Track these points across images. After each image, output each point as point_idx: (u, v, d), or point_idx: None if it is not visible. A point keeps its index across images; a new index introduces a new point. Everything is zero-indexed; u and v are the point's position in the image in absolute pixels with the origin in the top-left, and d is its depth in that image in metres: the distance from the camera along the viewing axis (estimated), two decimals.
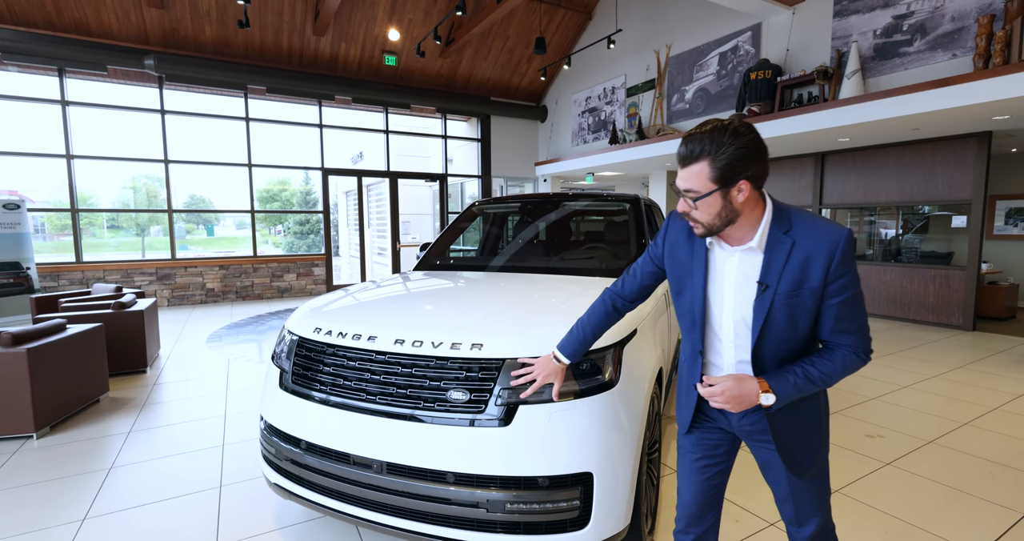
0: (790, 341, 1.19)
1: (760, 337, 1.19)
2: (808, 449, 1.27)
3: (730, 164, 1.10)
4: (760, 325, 1.17)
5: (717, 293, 1.25)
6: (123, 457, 2.83)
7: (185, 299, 8.21)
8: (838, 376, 1.17)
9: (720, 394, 1.18)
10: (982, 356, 4.92)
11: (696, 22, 7.68)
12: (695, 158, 1.13)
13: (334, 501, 1.77)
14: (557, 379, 1.54)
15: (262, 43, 8.19)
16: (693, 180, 1.14)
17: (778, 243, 1.16)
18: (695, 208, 1.17)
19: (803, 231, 1.15)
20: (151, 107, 7.84)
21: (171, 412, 3.53)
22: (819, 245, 1.12)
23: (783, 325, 1.17)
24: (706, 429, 1.40)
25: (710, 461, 1.40)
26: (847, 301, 1.14)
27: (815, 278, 1.13)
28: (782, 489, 1.33)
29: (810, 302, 1.15)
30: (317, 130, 9.11)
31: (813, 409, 1.27)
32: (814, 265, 1.13)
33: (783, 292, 1.15)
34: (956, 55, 4.91)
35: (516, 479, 1.56)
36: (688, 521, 1.46)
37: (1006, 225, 7.76)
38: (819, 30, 6.06)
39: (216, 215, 11.38)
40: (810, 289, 1.14)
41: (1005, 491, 2.47)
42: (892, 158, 6.53)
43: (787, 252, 1.14)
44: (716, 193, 1.12)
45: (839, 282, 1.13)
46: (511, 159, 11.32)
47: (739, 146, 1.09)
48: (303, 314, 2.12)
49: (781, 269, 1.15)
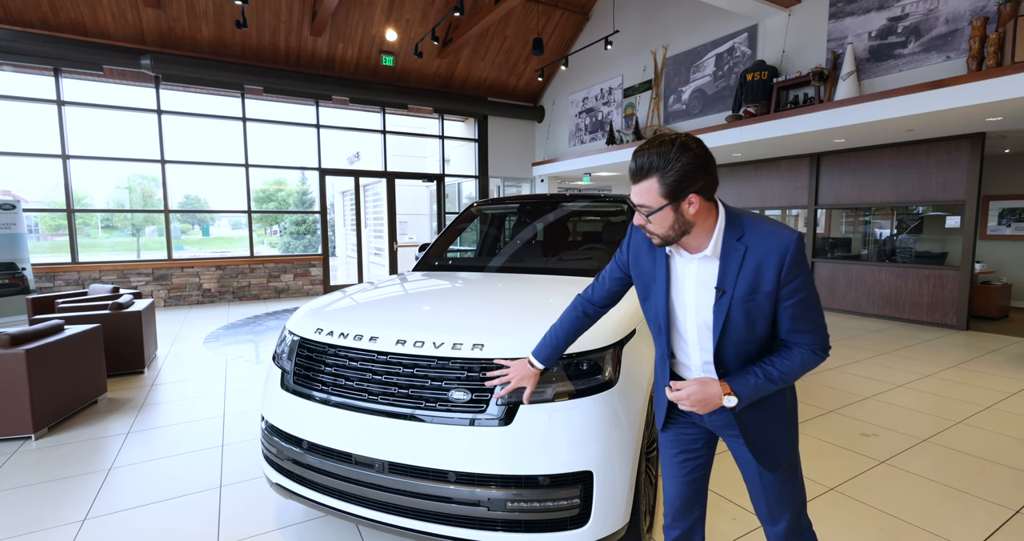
0: (749, 342, 1.24)
1: (720, 339, 1.23)
2: (777, 443, 1.31)
3: (679, 179, 1.13)
4: (720, 328, 1.22)
5: (680, 299, 1.30)
6: (122, 458, 2.83)
7: (182, 300, 8.19)
8: (797, 374, 1.21)
9: (686, 398, 1.23)
10: (976, 355, 4.97)
11: (693, 23, 7.71)
12: (645, 174, 1.16)
13: (336, 500, 1.78)
14: (530, 384, 1.57)
15: (259, 43, 8.17)
16: (644, 196, 1.18)
17: (732, 250, 1.20)
18: (649, 222, 1.21)
19: (755, 237, 1.19)
20: (147, 107, 7.81)
21: (169, 413, 3.53)
22: (770, 250, 1.16)
23: (741, 327, 1.21)
24: (682, 425, 1.45)
25: (689, 455, 1.44)
26: (801, 302, 1.18)
27: (768, 282, 1.17)
28: (754, 485, 1.37)
29: (765, 305, 1.19)
30: (314, 130, 9.10)
31: (779, 405, 1.31)
32: (767, 270, 1.17)
33: (739, 297, 1.19)
34: (950, 57, 4.96)
35: (517, 478, 1.58)
36: (674, 515, 1.50)
37: (999, 225, 7.83)
38: (815, 32, 6.11)
39: (212, 215, 11.36)
40: (764, 293, 1.18)
41: (998, 488, 2.50)
42: (887, 159, 6.59)
43: (741, 258, 1.19)
44: (667, 207, 1.16)
45: (792, 285, 1.16)
46: (508, 159, 11.33)
47: (686, 161, 1.12)
48: (304, 315, 2.13)
49: (736, 275, 1.19)
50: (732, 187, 8.65)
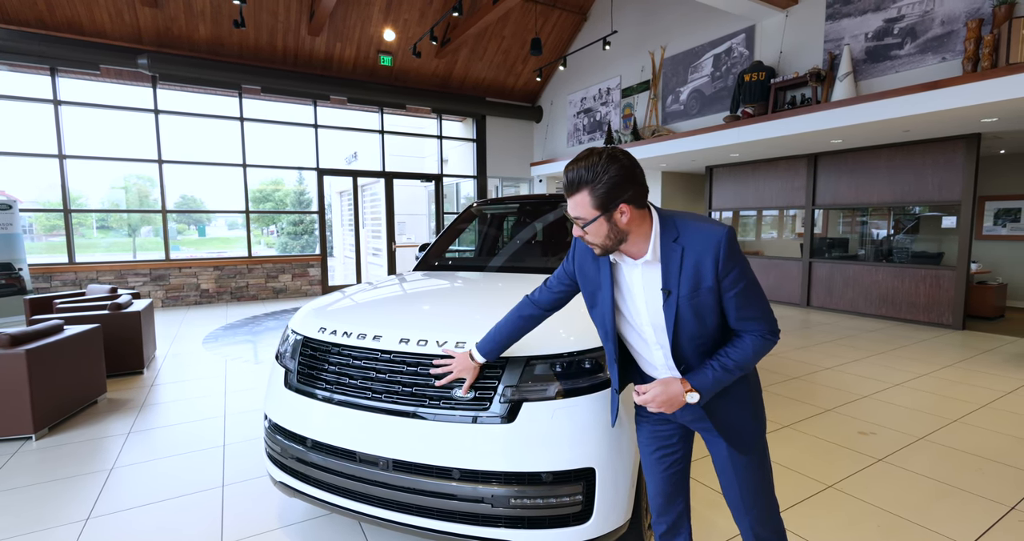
0: (703, 336, 1.28)
1: (675, 337, 1.28)
2: (744, 425, 1.36)
3: (608, 191, 1.17)
4: (672, 326, 1.27)
5: (632, 303, 1.34)
6: (124, 458, 2.84)
7: (179, 300, 8.17)
8: (753, 360, 1.26)
9: (652, 400, 1.27)
10: (972, 354, 5.01)
11: (690, 24, 7.74)
12: (576, 188, 1.20)
13: (340, 498, 1.79)
14: (470, 376, 1.62)
15: (257, 43, 8.16)
16: (578, 209, 1.22)
17: (670, 251, 1.25)
18: (586, 233, 1.25)
19: (689, 236, 1.24)
20: (144, 107, 7.79)
21: (170, 413, 3.53)
22: (705, 247, 1.21)
23: (692, 323, 1.26)
24: (655, 422, 1.49)
25: (665, 451, 1.48)
26: (742, 292, 1.23)
27: (708, 277, 1.22)
28: (727, 474, 1.41)
29: (710, 299, 1.24)
30: (312, 130, 9.09)
31: (742, 389, 1.36)
32: (704, 265, 1.22)
33: (684, 295, 1.24)
34: (945, 58, 5.00)
35: (520, 474, 1.60)
36: (658, 511, 1.54)
37: (995, 225, 7.89)
38: (811, 33, 6.14)
39: (208, 215, 11.33)
40: (707, 288, 1.23)
41: (993, 485, 2.53)
42: (884, 159, 6.63)
43: (679, 258, 1.24)
44: (600, 218, 1.20)
45: (730, 277, 1.21)
46: (506, 160, 11.35)
47: (614, 173, 1.16)
48: (307, 314, 2.14)
49: (678, 275, 1.24)
50: (729, 188, 8.68)
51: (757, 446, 1.38)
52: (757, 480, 1.39)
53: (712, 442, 1.41)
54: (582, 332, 1.75)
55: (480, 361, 1.62)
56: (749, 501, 1.40)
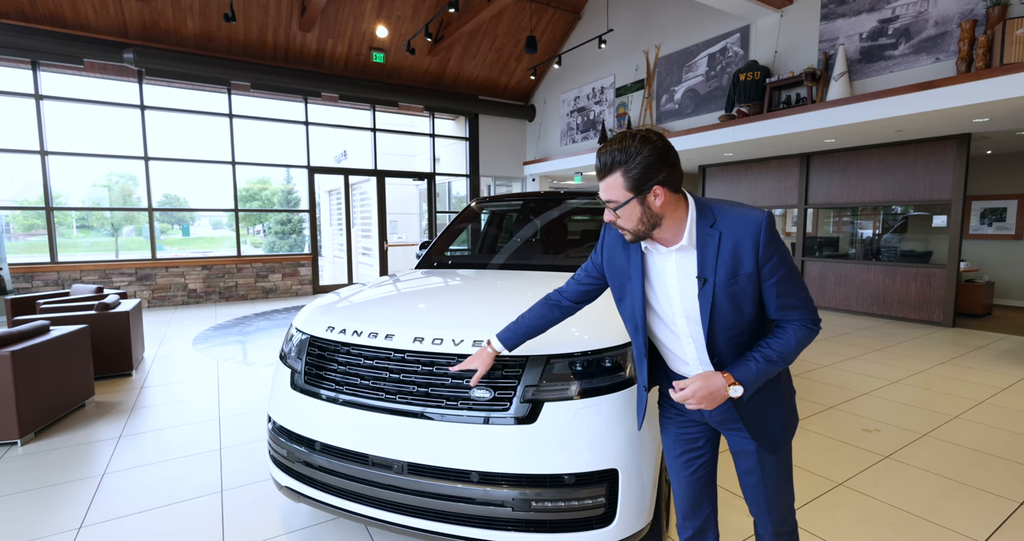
0: (739, 326, 1.23)
1: (711, 328, 1.23)
2: (776, 425, 1.32)
3: (642, 172, 1.14)
4: (708, 317, 1.22)
5: (664, 293, 1.29)
6: (116, 463, 2.73)
7: (166, 300, 7.99)
8: (795, 351, 1.21)
9: (692, 396, 1.21)
10: (964, 352, 5.07)
11: (685, 23, 7.76)
12: (609, 170, 1.18)
13: (351, 503, 1.72)
14: (483, 366, 1.54)
15: (246, 38, 8.01)
16: (610, 191, 1.19)
17: (707, 237, 1.20)
18: (618, 217, 1.21)
19: (726, 222, 1.20)
20: (130, 102, 7.60)
21: (162, 416, 3.42)
22: (744, 232, 1.17)
23: (729, 313, 1.21)
24: (681, 424, 1.44)
25: (692, 454, 1.43)
26: (783, 279, 1.19)
27: (747, 263, 1.18)
28: (753, 474, 1.36)
29: (748, 287, 1.19)
30: (302, 128, 8.95)
31: (773, 388, 1.31)
32: (743, 251, 1.17)
33: (721, 282, 1.19)
34: (939, 59, 5.06)
35: (542, 477, 1.55)
36: (684, 515, 1.49)
37: (981, 225, 8.04)
38: (806, 33, 6.18)
39: (192, 215, 11.07)
40: (745, 274, 1.18)
41: (999, 481, 2.54)
42: (875, 159, 6.70)
43: (716, 244, 1.19)
44: (633, 201, 1.17)
45: (771, 263, 1.17)
46: (499, 158, 11.29)
47: (647, 154, 1.13)
48: (314, 313, 2.07)
49: (715, 261, 1.19)
50: (723, 187, 8.73)
51: (786, 446, 1.34)
52: (782, 480, 1.36)
53: (739, 443, 1.36)
54: (602, 330, 1.71)
55: (498, 350, 1.55)
56: (775, 502, 1.37)
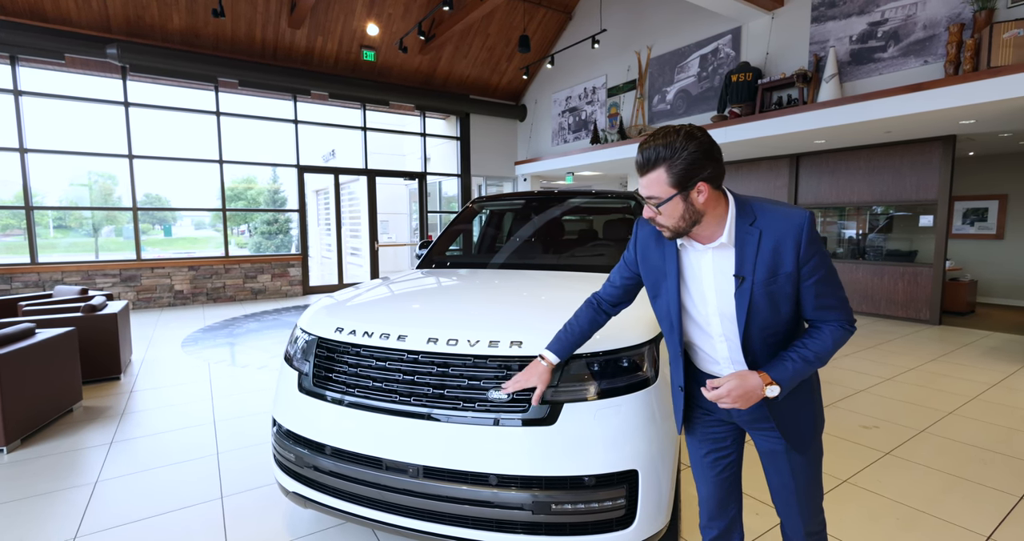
0: (775, 326, 1.23)
1: (746, 327, 1.22)
2: (807, 424, 1.31)
3: (686, 168, 1.13)
4: (744, 316, 1.21)
5: (699, 292, 1.28)
6: (108, 470, 2.64)
7: (152, 302, 7.80)
8: (831, 352, 1.20)
9: (727, 395, 1.19)
10: (952, 349, 5.17)
11: (677, 24, 7.81)
12: (652, 165, 1.16)
13: (363, 508, 1.68)
14: (541, 383, 1.51)
15: (234, 34, 7.86)
16: (653, 187, 1.17)
17: (746, 235, 1.19)
18: (659, 213, 1.19)
19: (767, 220, 1.19)
20: (114, 99, 7.41)
21: (154, 421, 3.32)
22: (785, 231, 1.17)
23: (766, 312, 1.20)
24: (708, 424, 1.42)
25: (719, 454, 1.42)
26: (823, 279, 1.18)
27: (788, 263, 1.17)
28: (782, 474, 1.35)
29: (787, 286, 1.19)
30: (291, 126, 8.82)
31: (804, 386, 1.30)
32: (784, 251, 1.17)
33: (760, 281, 1.18)
34: (928, 61, 5.15)
35: (562, 479, 1.52)
36: (710, 515, 1.48)
37: (963, 225, 8.22)
38: (797, 35, 6.26)
39: (174, 215, 10.82)
40: (785, 274, 1.18)
41: (999, 475, 2.58)
42: (863, 160, 6.81)
43: (756, 242, 1.18)
44: (676, 197, 1.16)
45: (811, 263, 1.17)
46: (491, 158, 11.26)
47: (693, 149, 1.12)
48: (320, 313, 2.02)
49: (754, 259, 1.19)
50: None
51: (816, 444, 1.33)
52: (811, 478, 1.35)
53: (767, 443, 1.34)
54: (620, 329, 1.69)
55: (553, 363, 1.52)
56: (803, 500, 1.35)
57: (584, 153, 8.92)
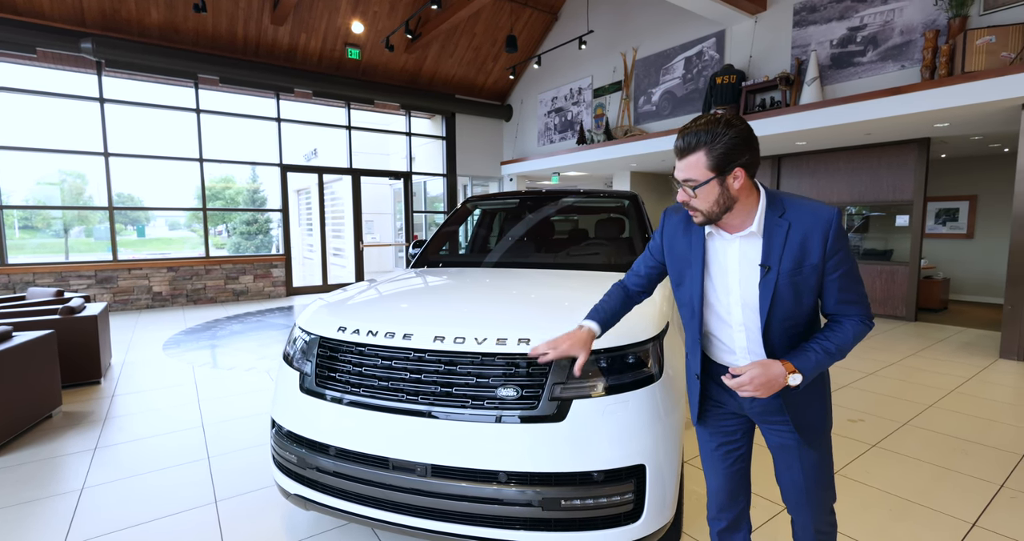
0: (796, 317, 1.25)
1: (768, 317, 1.24)
2: (818, 419, 1.33)
3: (725, 153, 1.16)
4: (767, 305, 1.23)
5: (721, 281, 1.30)
6: (94, 476, 2.56)
7: (129, 304, 7.58)
8: (851, 346, 1.23)
9: (749, 382, 1.20)
10: (928, 344, 5.34)
11: (662, 27, 7.91)
12: (692, 149, 1.19)
13: (370, 509, 1.66)
14: (584, 351, 1.43)
15: (215, 30, 7.70)
16: (691, 170, 1.20)
17: (775, 226, 1.22)
18: (694, 196, 1.22)
19: (796, 213, 1.22)
20: (88, 95, 7.18)
21: (139, 425, 3.23)
22: (814, 225, 1.20)
23: (789, 303, 1.23)
24: (719, 416, 1.44)
25: (729, 447, 1.44)
26: (847, 274, 1.22)
27: (814, 255, 1.20)
28: (793, 470, 1.37)
29: (812, 278, 1.22)
30: (274, 124, 8.66)
31: (817, 381, 1.33)
32: (812, 243, 1.20)
33: (786, 271, 1.21)
34: (905, 66, 5.31)
35: (571, 475, 1.53)
36: (719, 507, 1.50)
37: (935, 224, 8.50)
38: (780, 38, 6.40)
39: (147, 215, 10.50)
40: (811, 265, 1.21)
41: (980, 465, 2.68)
42: (843, 161, 6.99)
43: (785, 234, 1.22)
44: (713, 181, 1.18)
45: (837, 257, 1.20)
46: (476, 158, 11.23)
47: (732, 136, 1.16)
48: (319, 313, 1.99)
49: (781, 250, 1.21)
50: None
51: (826, 440, 1.35)
52: (822, 475, 1.36)
53: (780, 438, 1.36)
54: (626, 326, 1.70)
55: (595, 332, 1.46)
56: (814, 497, 1.37)
57: (570, 153, 8.97)
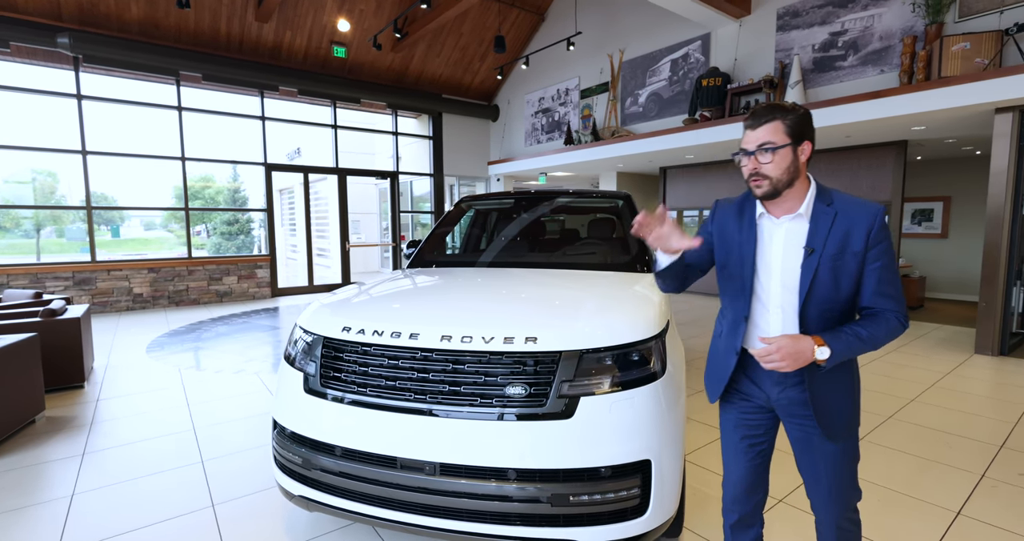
0: (833, 302, 1.30)
1: (806, 299, 1.29)
2: (844, 413, 1.35)
3: (799, 124, 1.28)
4: (807, 287, 1.28)
5: (764, 262, 1.37)
6: (84, 482, 2.50)
7: (109, 306, 7.39)
8: (882, 339, 1.26)
9: (776, 351, 1.22)
10: (908, 341, 5.51)
11: (648, 29, 8.00)
12: (771, 118, 1.28)
13: (377, 508, 1.66)
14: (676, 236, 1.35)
15: (197, 26, 7.55)
16: (770, 134, 1.27)
17: (822, 213, 1.30)
18: (769, 162, 1.27)
19: (844, 205, 1.30)
20: (65, 91, 6.98)
21: (127, 430, 3.16)
22: (860, 216, 1.27)
23: (828, 286, 1.28)
24: (745, 409, 1.47)
25: (752, 440, 1.48)
26: (887, 266, 1.27)
27: (857, 243, 1.26)
28: (816, 466, 1.39)
29: (852, 265, 1.27)
30: (258, 123, 8.53)
31: (845, 375, 1.35)
32: (856, 233, 1.27)
33: (828, 254, 1.27)
34: (884, 71, 5.47)
35: (580, 471, 1.55)
36: (734, 498, 1.53)
37: (911, 224, 8.76)
38: (764, 42, 6.52)
39: (121, 215, 10.22)
40: (853, 253, 1.27)
41: (962, 457, 2.78)
42: (824, 163, 7.16)
43: (831, 221, 1.28)
44: (788, 147, 1.27)
45: (878, 248, 1.27)
46: (463, 158, 11.21)
47: (803, 113, 1.29)
48: (320, 313, 1.98)
49: (826, 235, 1.28)
50: (682, 187, 9.06)
51: (852, 435, 1.38)
52: (844, 475, 1.38)
53: (802, 431, 1.38)
54: (630, 324, 1.73)
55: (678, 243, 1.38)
56: (836, 493, 1.38)
57: (558, 154, 9.02)
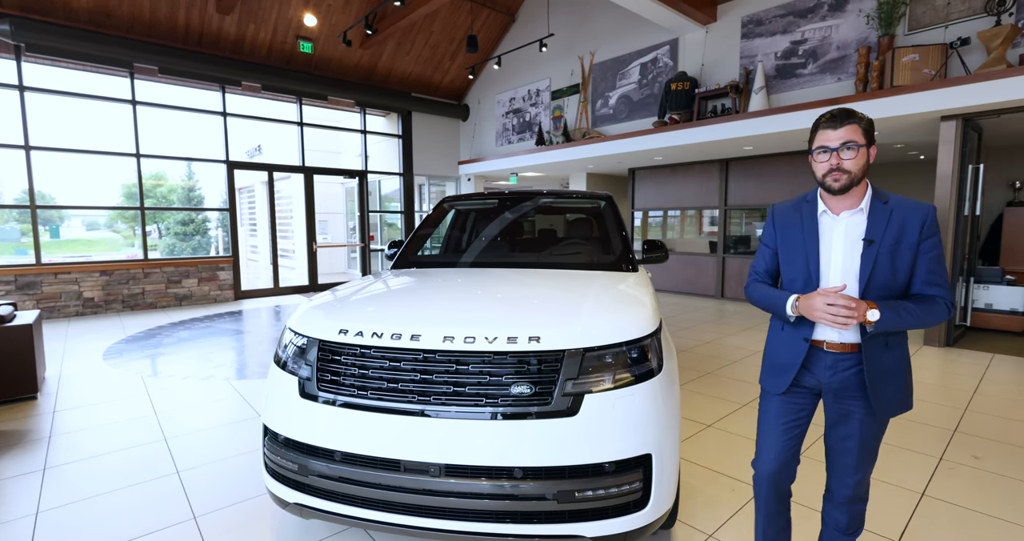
0: (890, 289, 1.46)
1: (867, 286, 1.45)
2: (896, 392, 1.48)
3: (870, 129, 1.46)
4: (867, 275, 1.45)
5: (826, 255, 1.53)
6: (48, 499, 2.35)
7: (57, 311, 6.94)
8: (927, 319, 1.41)
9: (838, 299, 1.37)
10: None
11: (618, 32, 8.15)
12: (851, 121, 1.44)
13: (379, 512, 1.64)
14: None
15: (153, 16, 7.19)
16: (853, 134, 1.44)
17: (879, 209, 1.48)
18: (851, 158, 1.43)
19: (898, 203, 1.49)
20: (5, 82, 6.51)
21: (90, 442, 2.99)
22: (913, 213, 1.46)
23: (885, 274, 1.45)
24: (795, 393, 1.60)
25: (794, 423, 1.61)
26: (936, 258, 1.45)
27: (912, 235, 1.44)
28: (850, 440, 1.53)
29: (907, 255, 1.45)
30: (218, 119, 8.20)
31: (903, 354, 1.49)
32: (910, 227, 1.45)
33: (887, 245, 1.44)
34: (841, 79, 5.77)
35: (585, 467, 1.58)
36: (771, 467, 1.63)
37: None
38: (729, 49, 6.77)
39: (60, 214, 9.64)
40: (908, 244, 1.44)
41: (921, 441, 2.98)
42: (784, 165, 7.49)
43: (887, 216, 1.47)
44: (864, 147, 1.45)
45: (931, 240, 1.45)
46: (433, 157, 11.12)
47: (870, 120, 1.48)
48: (313, 314, 1.93)
49: (884, 228, 1.46)
50: (651, 189, 9.28)
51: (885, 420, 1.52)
52: (873, 448, 1.54)
53: (847, 409, 1.52)
54: (627, 324, 1.77)
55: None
56: (862, 466, 1.54)
57: (529, 154, 9.07)
